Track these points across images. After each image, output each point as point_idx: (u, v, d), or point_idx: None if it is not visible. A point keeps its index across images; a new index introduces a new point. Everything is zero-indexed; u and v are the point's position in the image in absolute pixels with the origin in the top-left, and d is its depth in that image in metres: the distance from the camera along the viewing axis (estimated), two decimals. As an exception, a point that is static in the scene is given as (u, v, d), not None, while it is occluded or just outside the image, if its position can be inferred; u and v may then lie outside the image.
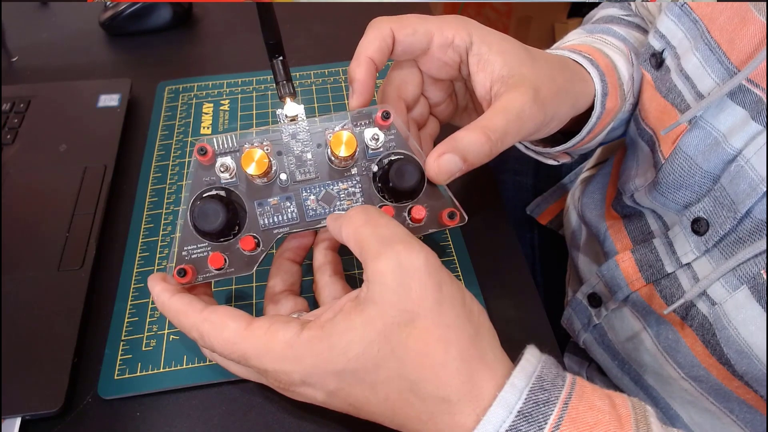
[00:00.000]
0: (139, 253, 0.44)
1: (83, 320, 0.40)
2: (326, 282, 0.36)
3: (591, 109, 0.39)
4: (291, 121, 0.35)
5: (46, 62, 0.62)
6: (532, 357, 0.28)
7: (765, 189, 0.32)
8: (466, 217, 0.36)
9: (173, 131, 0.53)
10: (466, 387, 0.27)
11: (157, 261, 0.43)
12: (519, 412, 0.26)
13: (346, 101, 0.55)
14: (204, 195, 0.33)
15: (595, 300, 0.46)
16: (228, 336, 0.29)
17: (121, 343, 0.39)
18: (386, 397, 0.28)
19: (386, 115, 0.35)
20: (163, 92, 0.57)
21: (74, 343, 0.38)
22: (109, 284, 0.42)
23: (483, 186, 0.49)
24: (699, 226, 0.36)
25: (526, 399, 0.26)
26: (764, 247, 0.32)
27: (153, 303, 0.41)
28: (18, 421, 0.35)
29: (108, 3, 0.65)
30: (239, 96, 0.57)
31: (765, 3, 0.33)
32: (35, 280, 0.41)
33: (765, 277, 0.32)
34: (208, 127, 0.54)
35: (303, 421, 0.36)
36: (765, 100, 0.32)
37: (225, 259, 0.33)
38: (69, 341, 0.38)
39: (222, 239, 0.34)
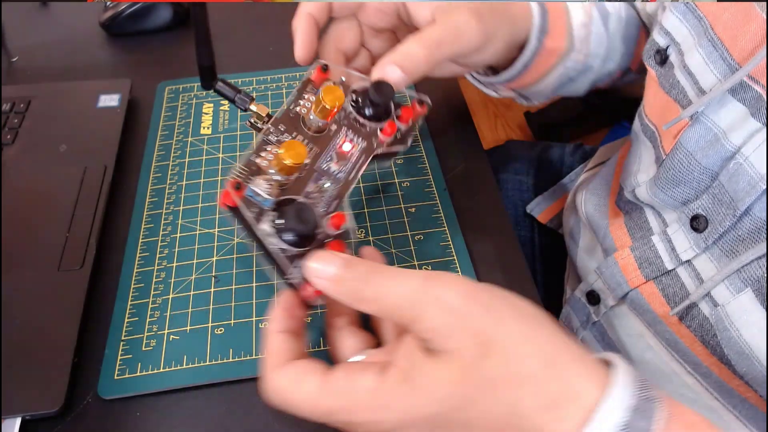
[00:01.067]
0: (139, 253, 0.44)
1: (83, 320, 0.40)
2: (344, 334, 0.33)
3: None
4: (269, 119, 0.36)
5: (46, 62, 0.62)
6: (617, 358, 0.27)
7: (765, 187, 0.32)
8: (428, 99, 0.39)
9: (173, 131, 0.53)
10: (564, 387, 0.25)
11: (157, 261, 0.43)
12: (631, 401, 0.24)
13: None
14: (273, 210, 0.32)
15: (593, 298, 0.46)
16: (308, 391, 0.28)
17: (121, 343, 0.39)
18: (485, 429, 0.26)
19: (325, 68, 0.36)
20: (163, 92, 0.57)
21: (74, 343, 0.38)
22: (109, 284, 0.42)
23: (483, 186, 0.49)
24: (698, 224, 0.36)
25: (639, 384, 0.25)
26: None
27: (153, 303, 0.41)
28: (18, 421, 0.35)
29: (108, 3, 0.65)
30: (239, 96, 0.57)
31: (765, 2, 0.33)
32: (35, 280, 0.41)
33: None
34: (208, 127, 0.54)
35: (302, 421, 0.36)
36: (765, 97, 0.32)
37: (345, 245, 0.32)
38: (69, 341, 0.38)
39: (311, 240, 0.32)
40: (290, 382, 0.28)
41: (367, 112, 0.37)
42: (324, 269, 0.29)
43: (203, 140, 0.52)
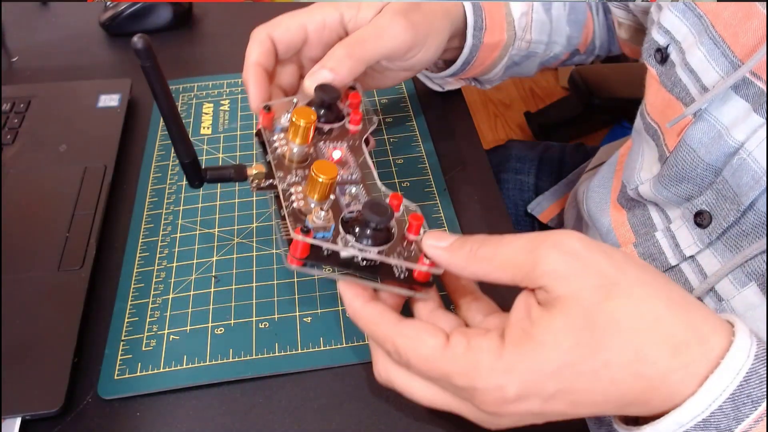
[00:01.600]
0: (139, 253, 0.44)
1: (83, 320, 0.39)
2: (437, 316, 0.32)
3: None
4: (269, 175, 0.36)
5: (46, 62, 0.62)
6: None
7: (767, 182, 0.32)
8: (356, 84, 0.40)
9: (173, 131, 0.53)
10: (691, 331, 0.25)
11: (157, 261, 0.43)
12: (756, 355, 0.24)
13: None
14: (346, 232, 0.31)
15: None
16: (427, 353, 0.27)
17: (121, 343, 0.39)
18: (611, 380, 0.25)
19: (267, 109, 0.37)
20: (163, 92, 0.57)
21: (74, 343, 0.38)
22: (109, 284, 0.42)
23: (484, 185, 0.49)
24: (702, 219, 0.36)
25: (758, 344, 0.25)
26: None
27: (153, 303, 0.41)
28: (18, 421, 0.35)
29: (108, 3, 0.65)
30: (239, 96, 0.57)
31: (765, 1, 0.33)
32: (35, 280, 0.41)
33: None
34: (208, 127, 0.54)
35: (303, 421, 0.36)
36: (767, 93, 0.32)
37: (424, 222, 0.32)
38: (69, 341, 0.38)
39: (392, 231, 0.32)
40: (411, 340, 0.28)
41: (327, 117, 0.38)
42: (440, 242, 0.30)
43: (203, 140, 0.52)
